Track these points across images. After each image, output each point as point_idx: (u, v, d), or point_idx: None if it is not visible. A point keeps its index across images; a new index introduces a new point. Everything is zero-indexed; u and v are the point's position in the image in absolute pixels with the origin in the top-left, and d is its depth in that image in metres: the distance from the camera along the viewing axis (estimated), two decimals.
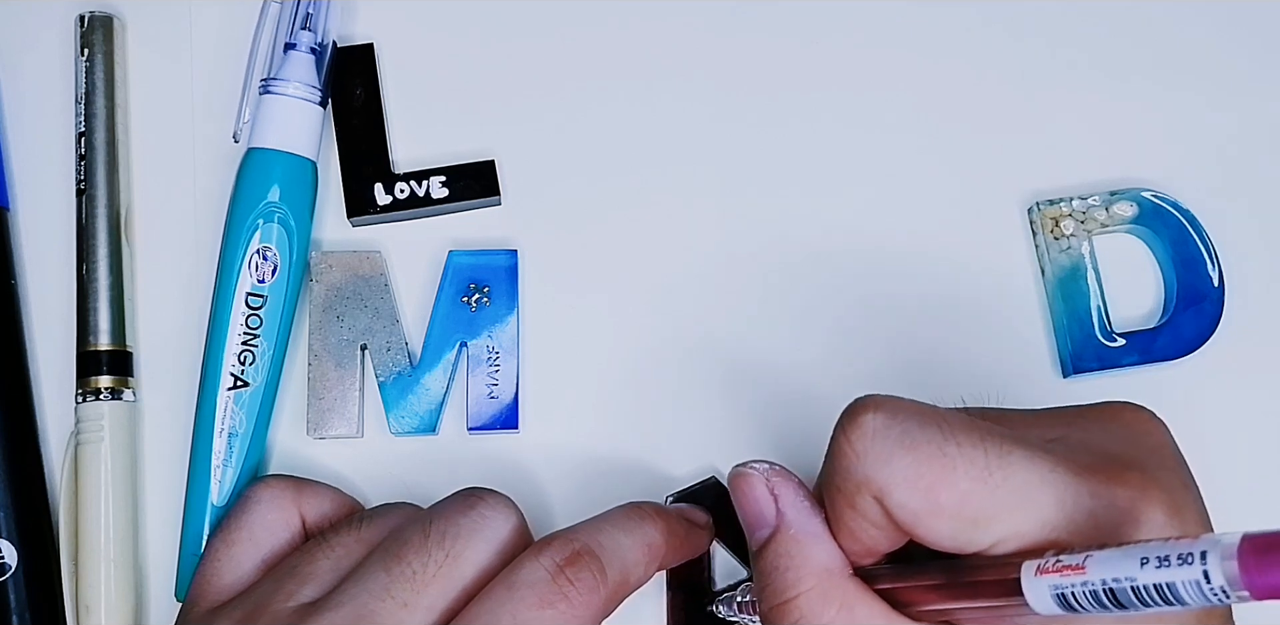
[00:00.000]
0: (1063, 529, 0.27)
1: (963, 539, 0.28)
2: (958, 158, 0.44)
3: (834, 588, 0.30)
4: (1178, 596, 0.22)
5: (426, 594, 0.33)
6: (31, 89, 0.43)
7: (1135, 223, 0.42)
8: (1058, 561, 0.24)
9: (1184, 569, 0.22)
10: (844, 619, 0.29)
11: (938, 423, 0.28)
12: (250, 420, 0.40)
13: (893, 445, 0.28)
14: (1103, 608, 0.24)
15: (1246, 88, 0.44)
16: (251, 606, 0.34)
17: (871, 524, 0.29)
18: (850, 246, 0.43)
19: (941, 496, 0.27)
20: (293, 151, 0.41)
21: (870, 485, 0.28)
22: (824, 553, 0.30)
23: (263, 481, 0.38)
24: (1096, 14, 0.45)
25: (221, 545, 0.37)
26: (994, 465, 0.27)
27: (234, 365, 0.40)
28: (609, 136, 0.43)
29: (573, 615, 0.32)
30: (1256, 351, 0.43)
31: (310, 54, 0.41)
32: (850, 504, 0.29)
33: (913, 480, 0.28)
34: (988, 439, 0.28)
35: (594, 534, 0.34)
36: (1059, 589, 0.24)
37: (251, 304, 0.40)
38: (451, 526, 0.34)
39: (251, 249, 0.40)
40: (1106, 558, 0.23)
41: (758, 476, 0.32)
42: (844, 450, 0.29)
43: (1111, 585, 0.23)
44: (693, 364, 0.42)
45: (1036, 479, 0.27)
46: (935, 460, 0.27)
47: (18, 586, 0.39)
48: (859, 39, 0.44)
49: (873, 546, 0.30)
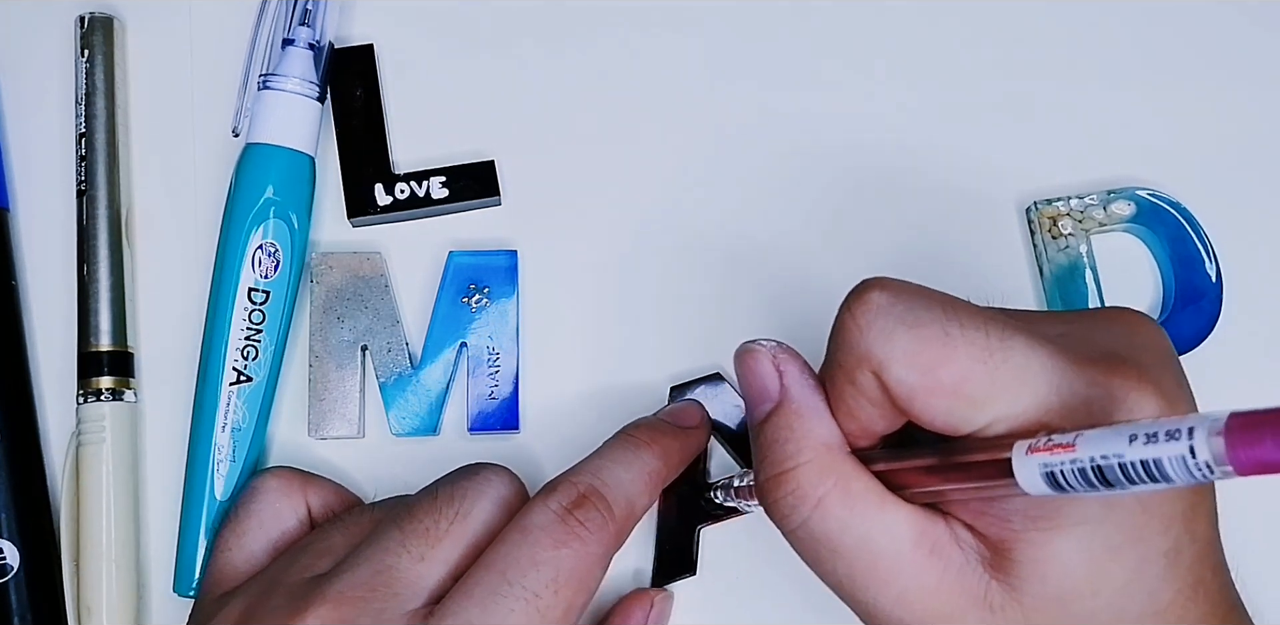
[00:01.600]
0: (1056, 413, 0.27)
1: (957, 418, 0.28)
2: (955, 157, 0.44)
3: (832, 462, 0.30)
4: (1163, 473, 0.22)
5: (441, 547, 0.34)
6: (31, 89, 0.43)
7: (1133, 222, 0.42)
8: (1049, 440, 0.25)
9: (1171, 445, 0.22)
10: (839, 493, 0.30)
11: (942, 304, 0.29)
12: (252, 415, 0.40)
13: (895, 322, 0.28)
14: (1090, 486, 0.24)
15: (1244, 87, 0.45)
16: (268, 583, 0.35)
17: (869, 401, 0.29)
18: (849, 247, 0.43)
19: (940, 374, 0.28)
20: (291, 147, 0.41)
21: (871, 360, 0.28)
22: (824, 428, 0.31)
23: (269, 472, 0.39)
24: (1095, 13, 0.45)
25: (232, 535, 0.37)
26: (995, 347, 0.28)
27: (237, 360, 0.40)
28: (609, 137, 0.44)
29: (587, 552, 0.33)
30: (1255, 349, 0.43)
31: (308, 50, 0.41)
32: (850, 379, 0.29)
33: (913, 356, 0.28)
34: (990, 323, 0.28)
35: (596, 473, 0.35)
36: (1048, 467, 0.25)
37: (255, 299, 0.40)
38: (459, 489, 0.35)
39: (253, 245, 0.40)
40: (1097, 436, 0.24)
41: (764, 352, 0.32)
42: (847, 325, 0.29)
43: (1100, 462, 0.23)
44: (695, 367, 0.42)
45: (1035, 364, 0.27)
46: (937, 339, 0.28)
47: (19, 587, 0.39)
48: (858, 39, 0.44)
49: (869, 426, 0.30)
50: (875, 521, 0.30)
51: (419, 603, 0.33)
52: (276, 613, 0.33)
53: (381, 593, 0.33)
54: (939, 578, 0.29)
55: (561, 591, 0.33)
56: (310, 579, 0.34)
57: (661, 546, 0.40)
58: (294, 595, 0.33)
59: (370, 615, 0.32)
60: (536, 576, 0.32)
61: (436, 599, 0.33)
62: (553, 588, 0.32)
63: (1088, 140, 0.44)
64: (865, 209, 0.43)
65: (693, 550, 0.40)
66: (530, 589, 0.32)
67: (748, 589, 0.41)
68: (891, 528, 0.29)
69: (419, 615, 0.32)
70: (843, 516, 0.30)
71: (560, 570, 0.33)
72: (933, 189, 0.43)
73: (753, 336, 0.42)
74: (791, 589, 0.40)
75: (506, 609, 0.32)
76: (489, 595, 0.32)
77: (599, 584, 0.34)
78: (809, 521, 0.30)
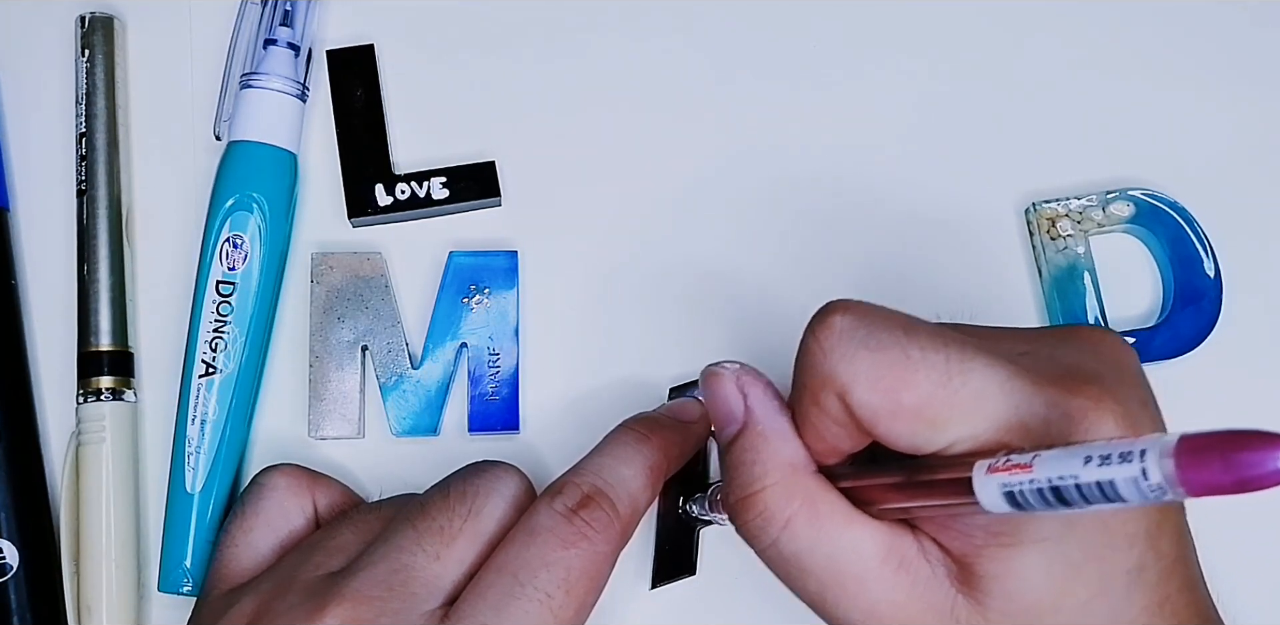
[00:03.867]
0: (1016, 433, 0.28)
1: (920, 439, 0.28)
2: (954, 158, 0.44)
3: (797, 483, 0.31)
4: (1117, 493, 0.23)
5: (456, 546, 0.34)
6: (32, 89, 0.43)
7: (1132, 222, 0.43)
8: (1008, 460, 0.25)
9: (1124, 467, 0.22)
10: (805, 513, 0.30)
11: (904, 327, 0.29)
12: (224, 408, 0.40)
13: (857, 345, 0.29)
14: (1048, 505, 0.24)
15: (1243, 87, 0.45)
16: (281, 579, 0.35)
17: (834, 421, 0.30)
18: (849, 248, 0.43)
19: (902, 397, 0.28)
20: (270, 143, 0.41)
21: (834, 382, 0.29)
22: (789, 449, 0.31)
23: (277, 470, 0.39)
24: (1094, 14, 0.45)
25: (239, 531, 0.37)
26: (954, 370, 0.28)
27: (205, 352, 0.40)
28: (609, 137, 0.44)
29: (595, 552, 0.34)
30: (1254, 350, 0.43)
31: (289, 49, 0.42)
32: (815, 400, 0.30)
33: (875, 380, 0.28)
34: (950, 345, 0.28)
35: (598, 473, 0.35)
36: (1007, 487, 0.25)
37: (222, 291, 0.40)
38: (470, 487, 0.35)
39: (221, 238, 0.40)
40: (1053, 457, 0.24)
41: (728, 375, 0.33)
42: (811, 348, 0.29)
43: (1056, 483, 0.24)
44: (694, 367, 0.42)
45: (994, 386, 0.28)
46: (898, 362, 0.28)
47: (19, 587, 0.39)
48: (857, 39, 0.44)
49: (835, 445, 0.31)
50: (842, 539, 0.30)
51: (436, 603, 0.33)
52: (294, 611, 0.33)
53: (399, 592, 0.33)
54: (907, 592, 0.30)
55: (573, 591, 0.33)
56: (325, 576, 0.34)
57: (661, 546, 0.40)
58: (310, 593, 0.33)
59: (388, 615, 0.32)
60: (548, 577, 0.33)
61: (451, 599, 0.33)
62: (564, 588, 0.33)
63: (1087, 141, 0.44)
64: (865, 209, 0.43)
65: (693, 550, 0.40)
66: (542, 590, 0.32)
67: (747, 589, 0.41)
68: (859, 545, 0.30)
69: (435, 616, 0.33)
70: (810, 536, 0.30)
71: (570, 570, 0.33)
72: (931, 189, 0.43)
73: (752, 337, 0.42)
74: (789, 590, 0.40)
75: (521, 610, 0.32)
76: (503, 597, 0.32)
77: (607, 581, 0.34)
78: (778, 541, 0.30)
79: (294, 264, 0.42)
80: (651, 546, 0.40)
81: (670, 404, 0.40)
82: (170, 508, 0.40)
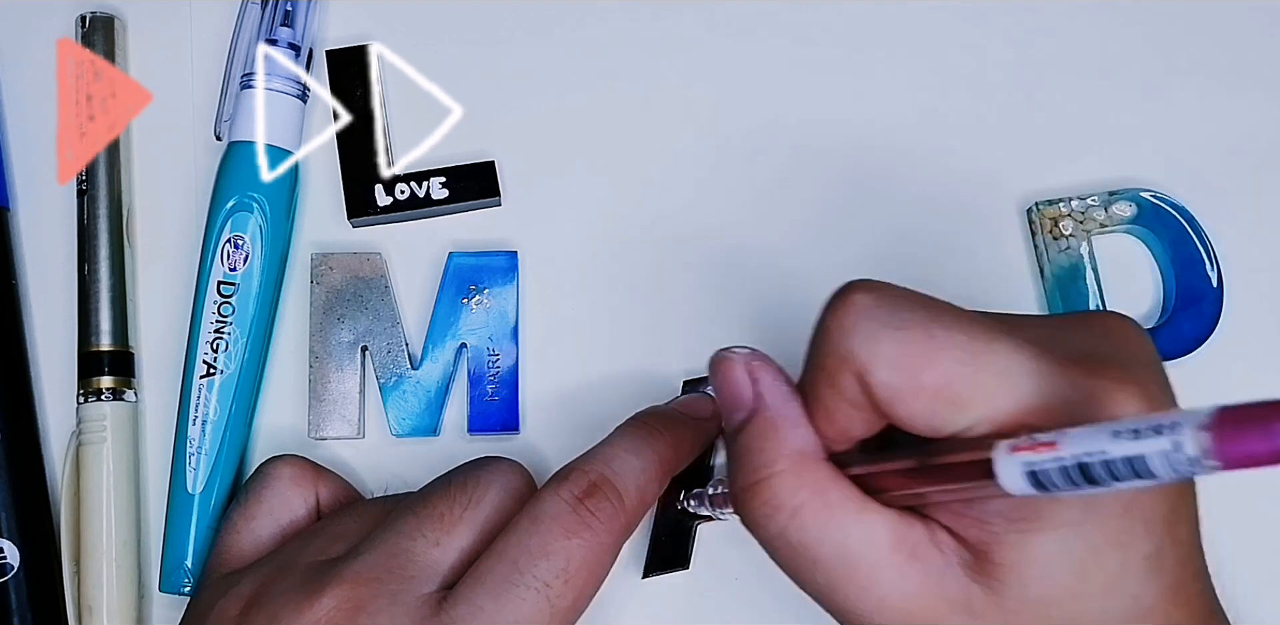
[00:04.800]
0: (1039, 414, 0.27)
1: (940, 420, 0.28)
2: (957, 158, 0.44)
3: (807, 470, 0.30)
4: (1148, 469, 0.22)
5: (456, 533, 0.34)
6: (32, 89, 0.43)
7: (1134, 223, 0.42)
8: (1032, 439, 0.24)
9: (1156, 440, 0.22)
10: (815, 501, 0.29)
11: (926, 307, 0.28)
12: (225, 408, 0.40)
13: (879, 324, 0.28)
14: (1073, 485, 0.24)
15: (1245, 88, 0.44)
16: (281, 564, 0.35)
17: (849, 403, 0.29)
18: (849, 248, 0.43)
19: (924, 376, 0.27)
20: (270, 143, 0.41)
21: (853, 361, 0.28)
22: (799, 436, 0.30)
23: (283, 460, 0.39)
24: (1095, 14, 0.45)
25: (241, 519, 0.37)
26: (979, 349, 0.27)
27: (207, 353, 0.40)
28: (609, 137, 0.43)
29: (597, 542, 0.33)
30: (1255, 351, 0.43)
31: (290, 49, 0.42)
32: (831, 382, 0.29)
33: (896, 358, 0.28)
34: (974, 325, 0.28)
35: (607, 462, 0.35)
36: (1031, 466, 0.24)
37: (223, 292, 0.40)
38: (472, 477, 0.35)
39: (223, 239, 0.40)
40: (1080, 433, 0.24)
41: (738, 360, 0.32)
42: (829, 327, 0.29)
43: (1083, 460, 0.23)
44: (694, 367, 0.42)
45: (1019, 365, 0.27)
46: (921, 340, 0.28)
47: (19, 587, 0.39)
48: (858, 40, 0.44)
49: (848, 429, 0.30)
50: (853, 528, 0.29)
51: (433, 587, 0.33)
52: (291, 593, 0.33)
53: (397, 575, 0.33)
54: (919, 582, 0.29)
55: (572, 581, 0.33)
56: (325, 561, 0.34)
57: (657, 538, 0.40)
58: (309, 576, 0.33)
59: (385, 597, 0.32)
60: (548, 566, 0.33)
61: (450, 584, 0.33)
62: (563, 577, 0.33)
63: (1089, 141, 0.44)
64: (865, 210, 0.43)
65: (688, 544, 0.40)
66: (541, 578, 0.32)
67: (741, 584, 0.41)
68: (869, 533, 0.29)
69: (433, 599, 0.33)
70: (820, 525, 0.29)
71: (571, 560, 0.33)
72: (934, 189, 0.43)
73: (753, 337, 0.42)
74: (784, 585, 0.40)
75: (518, 598, 0.32)
76: (500, 583, 0.32)
77: (608, 573, 0.34)
78: (786, 531, 0.30)
79: (294, 264, 0.42)
80: (648, 536, 0.40)
81: (683, 399, 0.40)
82: (171, 508, 0.40)
